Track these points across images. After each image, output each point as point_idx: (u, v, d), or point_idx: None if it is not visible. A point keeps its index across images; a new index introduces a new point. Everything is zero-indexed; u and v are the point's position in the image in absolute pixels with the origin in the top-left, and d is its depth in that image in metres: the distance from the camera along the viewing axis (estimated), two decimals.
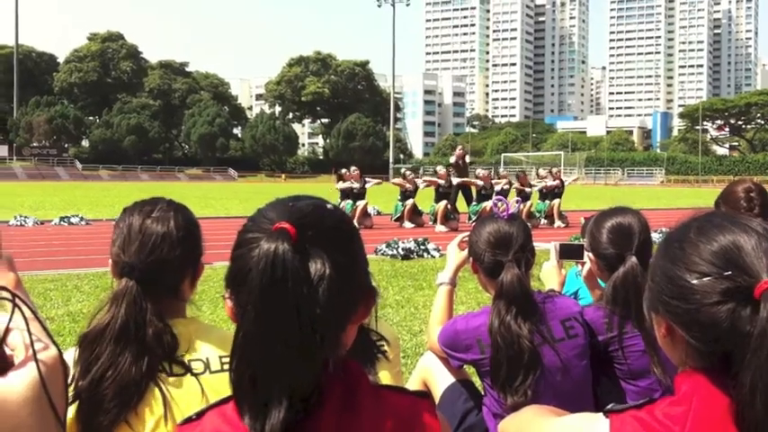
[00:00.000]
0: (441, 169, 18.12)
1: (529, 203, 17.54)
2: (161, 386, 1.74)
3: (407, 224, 16.90)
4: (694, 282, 1.13)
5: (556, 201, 18.22)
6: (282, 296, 1.03)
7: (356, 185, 17.22)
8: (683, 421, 1.13)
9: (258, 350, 1.05)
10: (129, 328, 1.74)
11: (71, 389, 1.68)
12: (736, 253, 1.12)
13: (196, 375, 1.78)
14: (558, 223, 17.97)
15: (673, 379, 1.21)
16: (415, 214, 17.34)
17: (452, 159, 18.50)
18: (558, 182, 18.53)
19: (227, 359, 1.76)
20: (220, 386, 1.75)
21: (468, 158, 19.61)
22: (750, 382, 1.06)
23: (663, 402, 1.18)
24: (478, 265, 2.60)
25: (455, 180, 17.39)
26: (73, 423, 1.72)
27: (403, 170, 20.16)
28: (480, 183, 17.26)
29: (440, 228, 16.24)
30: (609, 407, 1.22)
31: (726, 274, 1.11)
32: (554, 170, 19.72)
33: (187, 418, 1.22)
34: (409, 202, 17.13)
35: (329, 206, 1.17)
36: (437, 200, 16.83)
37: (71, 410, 1.70)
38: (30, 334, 1.12)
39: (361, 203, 16.78)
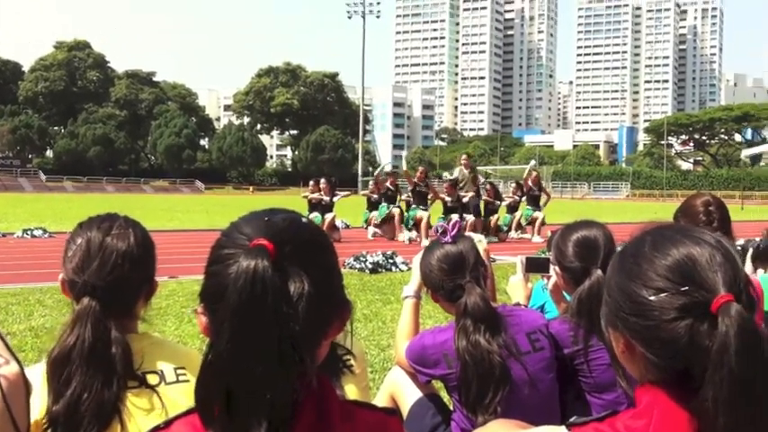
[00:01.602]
0: (454, 173, 17.91)
1: (496, 217, 17.48)
2: (124, 401, 1.74)
3: (402, 236, 16.70)
4: (652, 298, 1.12)
5: (538, 213, 17.76)
6: (262, 314, 1.02)
7: (326, 198, 17.17)
8: None
9: (235, 368, 1.02)
10: (97, 348, 1.72)
11: (44, 416, 1.68)
12: (691, 267, 1.12)
13: (152, 387, 1.77)
14: (535, 238, 17.41)
15: None
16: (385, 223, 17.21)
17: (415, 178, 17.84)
18: (519, 194, 17.99)
19: (182, 371, 1.83)
20: (178, 397, 1.77)
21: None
22: (711, 398, 1.05)
23: (624, 415, 1.17)
24: (439, 295, 2.60)
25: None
26: None
27: (384, 169, 19.52)
28: (447, 198, 17.10)
29: (406, 235, 16.39)
30: (571, 420, 1.21)
31: (682, 289, 1.10)
32: (528, 176, 18.61)
33: (155, 426, 1.19)
34: (396, 210, 16.98)
35: (304, 220, 1.16)
36: (445, 213, 16.62)
37: None
38: None
39: (329, 216, 16.73)
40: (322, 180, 17.76)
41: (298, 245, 1.09)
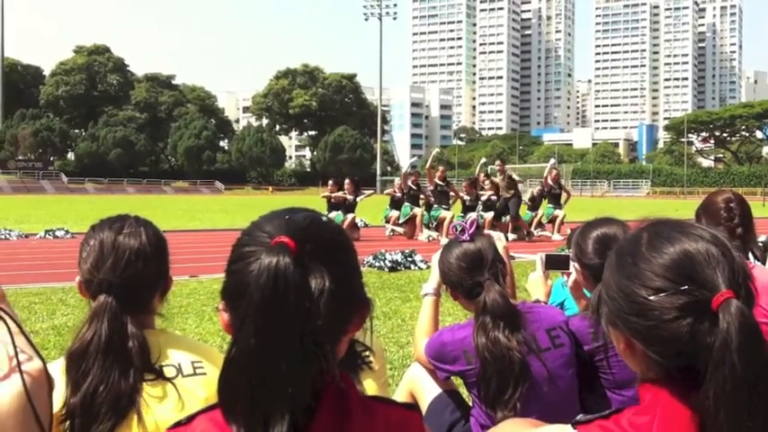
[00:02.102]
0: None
1: (491, 214, 17.30)
2: (141, 392, 1.77)
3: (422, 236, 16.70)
4: (651, 298, 1.12)
5: (559, 211, 17.67)
6: (284, 310, 1.03)
7: (350, 197, 17.22)
8: (647, 430, 1.13)
9: (257, 364, 1.03)
10: (114, 341, 1.76)
11: (62, 408, 1.71)
12: (690, 265, 1.11)
13: (169, 380, 1.80)
14: (555, 235, 17.25)
15: None
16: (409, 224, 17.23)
17: (437, 179, 17.77)
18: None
19: (199, 363, 1.86)
20: (195, 388, 1.80)
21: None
22: (713, 395, 1.06)
23: (629, 412, 1.17)
24: (458, 293, 2.61)
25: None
26: None
27: (405, 169, 19.35)
28: (466, 196, 17.09)
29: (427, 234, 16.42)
30: (577, 418, 1.21)
31: (682, 288, 1.10)
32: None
33: (177, 422, 1.21)
34: (418, 210, 17.01)
35: (324, 219, 1.17)
36: (464, 212, 16.71)
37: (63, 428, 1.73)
38: (15, 347, 1.13)
39: (350, 215, 16.79)
40: (346, 180, 17.77)
41: (318, 243, 1.10)
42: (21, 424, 1.05)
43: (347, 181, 17.68)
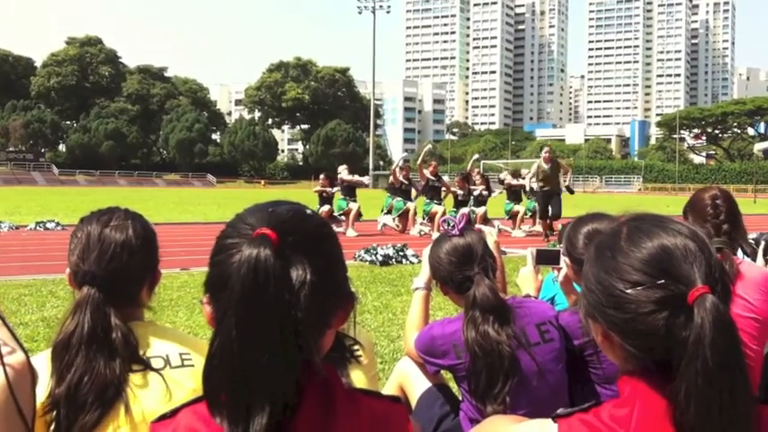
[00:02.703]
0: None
1: (483, 209, 17.31)
2: (127, 383, 1.77)
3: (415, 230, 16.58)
4: (629, 291, 1.13)
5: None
6: (264, 302, 1.02)
7: (329, 190, 17.03)
8: (627, 423, 1.13)
9: (238, 356, 1.03)
10: (97, 332, 1.76)
11: (47, 398, 1.71)
12: (667, 259, 1.13)
13: (156, 370, 1.80)
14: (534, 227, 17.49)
15: None
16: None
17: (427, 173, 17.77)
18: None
19: (187, 355, 1.86)
20: (183, 380, 1.81)
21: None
22: (685, 388, 1.07)
23: (608, 405, 1.18)
24: (448, 287, 2.61)
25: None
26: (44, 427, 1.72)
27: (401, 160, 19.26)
28: (459, 191, 17.13)
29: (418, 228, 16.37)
30: (558, 411, 1.22)
31: (659, 282, 1.11)
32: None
33: (161, 415, 1.21)
34: (411, 205, 16.88)
35: (308, 211, 1.17)
36: (456, 207, 16.81)
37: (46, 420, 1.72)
38: None
39: (326, 207, 16.65)
40: (321, 174, 17.70)
41: (301, 235, 1.10)
42: (3, 417, 1.04)
43: (321, 176, 17.54)
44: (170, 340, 1.90)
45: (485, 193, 17.36)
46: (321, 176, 17.61)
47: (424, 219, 16.86)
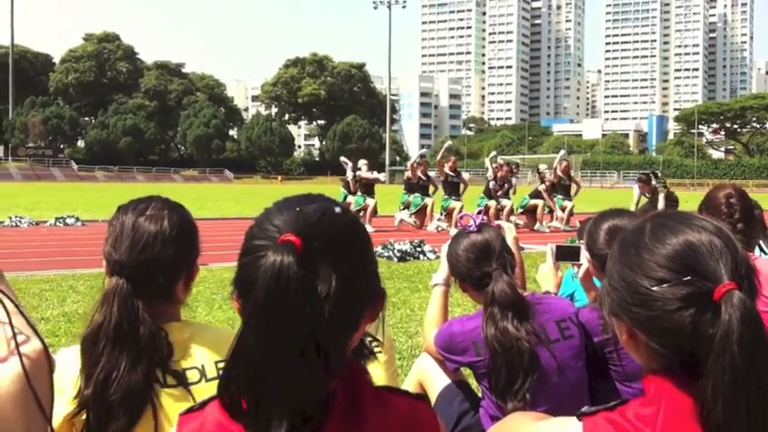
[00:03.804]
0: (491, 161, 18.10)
1: (510, 204, 17.31)
2: (154, 397, 1.71)
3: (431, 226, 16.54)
4: (654, 289, 1.12)
5: (567, 203, 17.73)
6: (286, 312, 1.01)
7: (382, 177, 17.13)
8: (653, 422, 1.12)
9: (258, 367, 1.02)
10: (123, 327, 1.70)
11: (74, 399, 1.68)
12: (692, 256, 1.12)
13: (190, 386, 1.74)
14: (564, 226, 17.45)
15: None
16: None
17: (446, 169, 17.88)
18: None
19: (222, 364, 1.74)
20: None
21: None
22: (712, 386, 1.06)
23: (634, 403, 1.17)
24: (467, 284, 2.62)
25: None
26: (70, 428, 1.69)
27: (418, 156, 19.28)
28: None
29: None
30: (582, 410, 1.20)
31: (685, 279, 1.10)
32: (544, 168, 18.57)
33: (189, 407, 1.20)
34: (429, 200, 16.92)
35: (337, 210, 1.13)
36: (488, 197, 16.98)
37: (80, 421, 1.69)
38: (12, 327, 1.11)
39: (371, 201, 16.71)
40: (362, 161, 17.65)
41: (328, 239, 1.08)
42: (21, 407, 1.05)
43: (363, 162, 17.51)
44: (206, 344, 1.83)
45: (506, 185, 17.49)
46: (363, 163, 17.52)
47: (442, 215, 16.85)
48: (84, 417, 1.69)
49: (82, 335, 1.74)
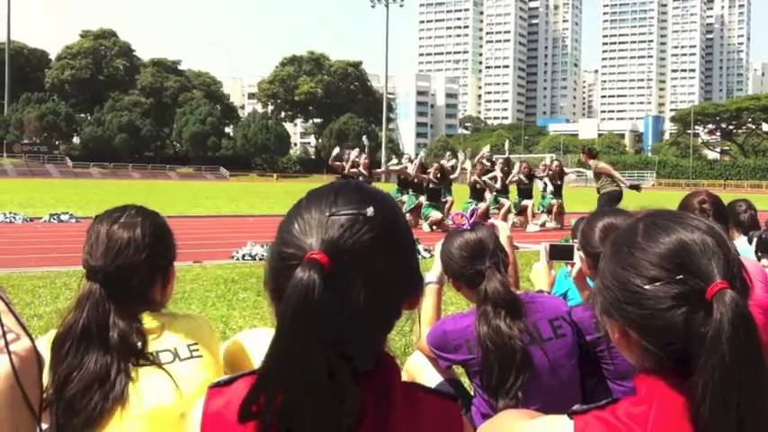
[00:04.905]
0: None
1: (508, 203, 17.43)
2: (126, 379, 1.76)
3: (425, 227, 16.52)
4: (646, 287, 1.12)
5: (555, 201, 17.88)
6: (312, 330, 0.99)
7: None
8: (644, 421, 1.12)
9: (284, 378, 1.01)
10: (92, 330, 1.76)
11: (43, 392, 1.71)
12: (685, 254, 1.12)
13: (164, 365, 1.80)
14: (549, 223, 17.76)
15: None
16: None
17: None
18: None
19: (195, 346, 1.87)
20: (192, 373, 1.81)
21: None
22: (703, 384, 1.06)
23: (625, 402, 1.17)
24: (460, 282, 2.62)
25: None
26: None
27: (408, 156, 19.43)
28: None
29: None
30: (573, 408, 1.20)
31: (677, 277, 1.10)
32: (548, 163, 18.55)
33: (217, 381, 1.19)
34: (422, 199, 16.92)
35: (369, 212, 1.08)
36: (474, 198, 17.12)
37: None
38: (2, 326, 1.12)
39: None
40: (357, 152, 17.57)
41: (358, 253, 1.05)
42: (9, 405, 1.04)
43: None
44: (179, 330, 1.90)
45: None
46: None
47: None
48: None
49: (53, 337, 1.79)
